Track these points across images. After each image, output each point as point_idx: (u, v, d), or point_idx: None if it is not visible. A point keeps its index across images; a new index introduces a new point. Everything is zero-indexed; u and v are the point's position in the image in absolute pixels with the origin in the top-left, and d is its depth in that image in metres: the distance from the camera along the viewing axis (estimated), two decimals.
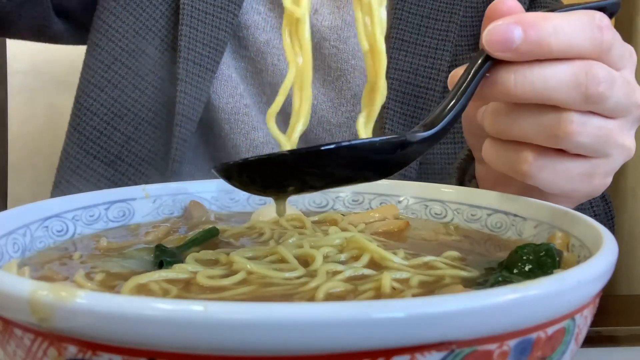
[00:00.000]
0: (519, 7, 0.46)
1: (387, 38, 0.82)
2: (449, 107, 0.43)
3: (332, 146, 0.36)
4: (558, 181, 0.48)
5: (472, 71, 0.44)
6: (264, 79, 0.86)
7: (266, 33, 0.85)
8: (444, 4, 0.84)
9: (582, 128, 0.45)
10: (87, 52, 0.86)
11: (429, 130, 0.42)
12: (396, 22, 0.82)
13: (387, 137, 0.39)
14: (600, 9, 0.48)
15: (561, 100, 0.44)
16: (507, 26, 0.43)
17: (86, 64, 0.86)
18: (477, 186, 0.58)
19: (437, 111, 0.43)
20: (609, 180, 0.51)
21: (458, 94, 0.44)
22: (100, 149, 0.83)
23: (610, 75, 0.45)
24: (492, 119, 0.48)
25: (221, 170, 0.39)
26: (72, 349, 0.26)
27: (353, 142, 0.37)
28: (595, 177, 0.49)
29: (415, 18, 0.83)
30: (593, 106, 0.45)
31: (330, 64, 0.85)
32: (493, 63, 0.44)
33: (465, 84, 0.44)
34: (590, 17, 0.45)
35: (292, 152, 0.38)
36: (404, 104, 0.82)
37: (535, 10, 0.77)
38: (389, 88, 0.80)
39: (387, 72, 0.78)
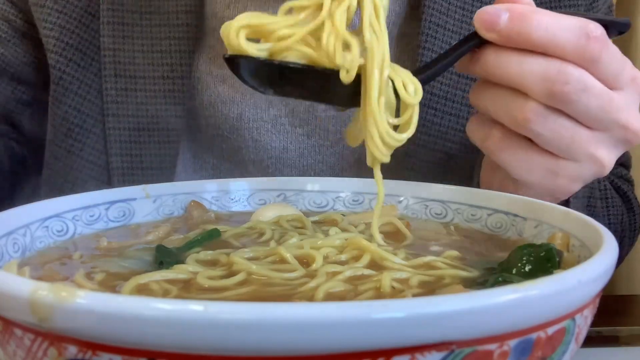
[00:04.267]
0: None
1: None
2: (428, 69, 0.48)
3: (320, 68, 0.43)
4: (519, 167, 0.50)
5: (458, 44, 0.50)
6: (245, 156, 0.73)
7: (237, 106, 0.71)
8: None
9: (542, 119, 0.48)
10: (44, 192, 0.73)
11: None
12: None
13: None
14: (610, 24, 0.50)
15: (529, 89, 0.47)
16: (496, 10, 0.47)
17: None
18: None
19: (417, 70, 0.47)
20: (576, 186, 0.52)
21: (440, 60, 0.49)
22: None
23: (583, 80, 0.47)
24: (473, 92, 0.52)
25: (228, 60, 0.44)
26: (72, 349, 0.26)
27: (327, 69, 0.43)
28: (559, 177, 0.50)
29: None
30: (557, 104, 0.47)
31: None
32: (483, 43, 0.49)
33: (449, 53, 0.49)
34: (582, 24, 0.47)
35: (280, 61, 0.43)
36: (429, 171, 0.69)
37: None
38: (414, 156, 0.68)
39: (414, 136, 0.70)
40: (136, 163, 0.69)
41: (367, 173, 0.73)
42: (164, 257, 0.41)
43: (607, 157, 0.50)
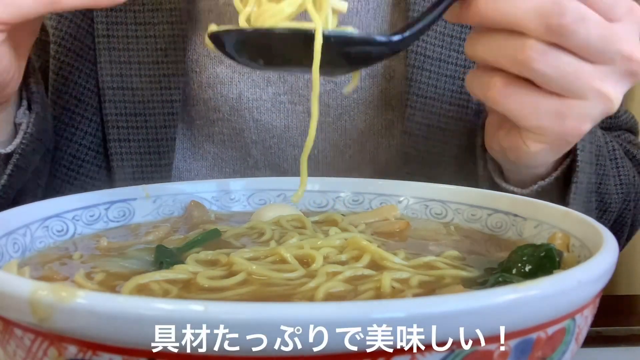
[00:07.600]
0: None
1: (407, 51, 0.68)
2: (416, 23, 0.47)
3: (310, 31, 0.41)
4: (525, 113, 0.49)
5: None
6: (247, 138, 0.73)
7: (235, 86, 0.70)
8: None
9: (543, 57, 0.46)
10: None
11: (393, 36, 0.46)
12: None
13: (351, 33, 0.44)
14: None
15: (525, 26, 0.46)
16: None
17: None
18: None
19: (405, 25, 0.47)
20: (586, 127, 0.50)
21: (428, 13, 0.47)
22: None
23: (579, 10, 0.46)
24: (468, 42, 0.51)
25: (214, 38, 0.44)
26: (72, 349, 0.26)
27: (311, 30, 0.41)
28: (567, 119, 0.49)
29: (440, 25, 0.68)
30: (556, 38, 0.46)
31: None
32: None
33: (436, 4, 0.47)
34: None
35: (268, 28, 0.43)
36: (429, 136, 0.68)
37: None
38: (412, 120, 0.67)
39: (407, 99, 0.67)
40: (134, 148, 0.68)
41: (371, 149, 0.74)
42: (164, 257, 0.41)
43: (614, 92, 0.49)
